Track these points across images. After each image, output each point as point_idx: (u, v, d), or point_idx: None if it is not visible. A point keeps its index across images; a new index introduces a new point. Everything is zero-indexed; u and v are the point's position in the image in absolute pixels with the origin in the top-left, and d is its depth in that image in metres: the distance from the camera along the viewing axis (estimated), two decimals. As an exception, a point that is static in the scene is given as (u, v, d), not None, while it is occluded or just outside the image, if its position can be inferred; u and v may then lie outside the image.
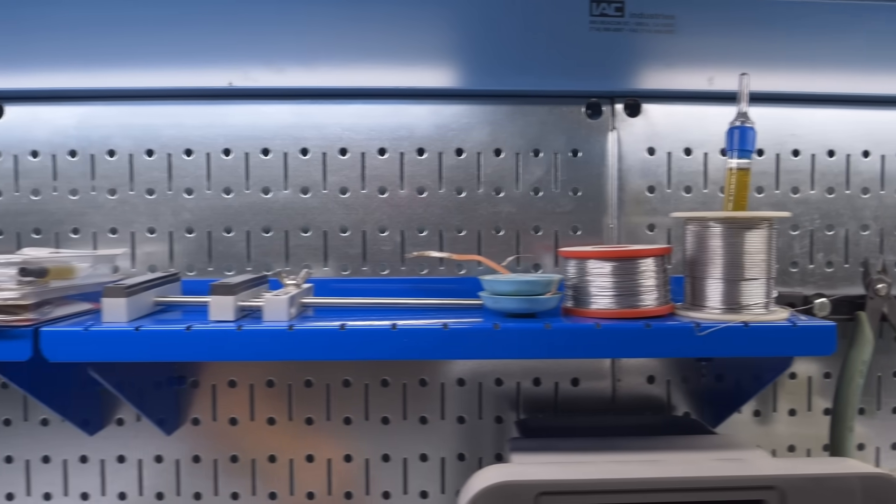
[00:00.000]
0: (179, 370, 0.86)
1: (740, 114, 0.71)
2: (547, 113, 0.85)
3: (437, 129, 0.85)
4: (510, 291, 0.67)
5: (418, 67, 0.81)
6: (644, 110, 0.85)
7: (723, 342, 0.64)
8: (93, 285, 0.75)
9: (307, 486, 0.87)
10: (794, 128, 0.87)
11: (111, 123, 0.84)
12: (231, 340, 0.63)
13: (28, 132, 0.83)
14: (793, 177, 0.87)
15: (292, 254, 0.85)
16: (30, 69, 0.80)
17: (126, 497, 0.86)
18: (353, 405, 0.86)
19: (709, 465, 0.67)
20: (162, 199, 0.84)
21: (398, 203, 0.85)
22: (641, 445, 0.73)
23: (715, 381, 0.86)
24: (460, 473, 0.87)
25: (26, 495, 0.86)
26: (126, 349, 0.63)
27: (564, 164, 0.85)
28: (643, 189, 0.86)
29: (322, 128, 0.84)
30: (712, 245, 0.68)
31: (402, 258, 0.85)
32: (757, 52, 0.83)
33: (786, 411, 0.89)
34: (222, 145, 0.84)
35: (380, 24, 0.80)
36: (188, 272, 0.85)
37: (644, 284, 0.68)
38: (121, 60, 0.80)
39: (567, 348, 0.64)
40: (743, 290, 0.67)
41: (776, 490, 0.64)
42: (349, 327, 0.64)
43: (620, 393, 0.88)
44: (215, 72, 0.81)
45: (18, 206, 0.84)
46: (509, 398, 0.87)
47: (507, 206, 0.85)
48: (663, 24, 0.83)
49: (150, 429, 0.85)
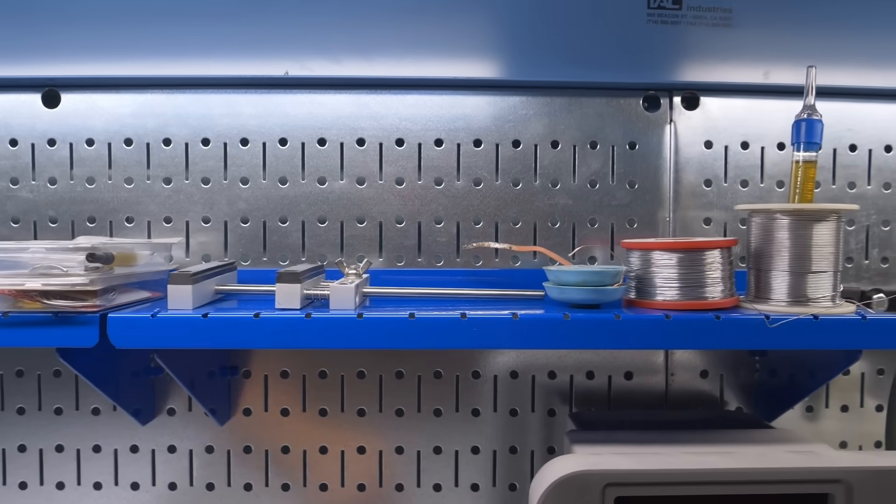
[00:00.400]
0: (232, 360, 0.86)
1: (807, 106, 0.70)
2: (604, 105, 0.85)
3: (494, 121, 0.84)
4: (577, 282, 0.67)
5: (476, 58, 0.81)
6: (702, 103, 0.85)
7: (793, 335, 0.63)
8: (149, 274, 0.75)
9: (358, 478, 0.86)
10: (851, 122, 0.86)
11: (167, 112, 0.84)
12: (300, 328, 0.63)
13: (84, 120, 0.83)
14: (849, 171, 0.87)
15: (347, 244, 0.85)
16: (88, 57, 0.80)
17: (176, 487, 0.86)
18: (406, 397, 0.86)
19: (777, 457, 0.66)
20: (217, 189, 0.84)
21: (454, 194, 0.85)
22: (701, 439, 0.73)
23: (768, 376, 0.86)
24: (512, 466, 0.87)
25: (77, 485, 0.86)
26: (194, 336, 0.63)
27: (621, 156, 0.85)
28: (700, 182, 0.86)
29: (379, 118, 0.84)
30: (779, 237, 0.67)
31: (458, 250, 0.85)
32: (813, 46, 0.83)
33: (838, 407, 0.89)
34: (278, 135, 0.84)
35: (438, 15, 0.80)
36: (242, 262, 0.84)
37: (710, 276, 0.67)
38: (178, 49, 0.80)
39: (638, 339, 0.64)
40: (810, 283, 0.67)
41: (842, 483, 0.64)
42: (419, 316, 0.63)
43: (673, 387, 0.87)
44: (272, 61, 0.81)
45: (73, 195, 0.84)
46: (561, 392, 0.87)
47: (564, 199, 0.85)
48: (721, 18, 0.82)
49: (201, 419, 0.85)
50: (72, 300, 0.64)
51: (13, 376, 0.85)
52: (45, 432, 0.86)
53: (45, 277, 0.63)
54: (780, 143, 0.86)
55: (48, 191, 0.84)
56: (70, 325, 0.63)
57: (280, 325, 0.63)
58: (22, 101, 0.83)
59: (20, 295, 0.62)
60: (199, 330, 0.63)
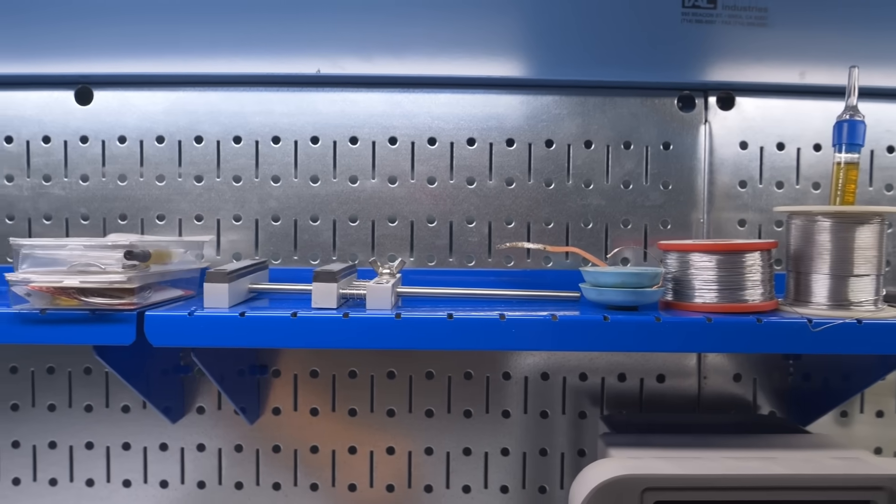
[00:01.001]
0: (261, 359, 0.85)
1: (849, 107, 0.69)
2: (638, 105, 0.84)
3: (526, 120, 0.84)
4: (616, 283, 0.66)
5: (509, 57, 0.80)
6: (737, 103, 0.84)
7: (836, 339, 0.62)
8: (182, 272, 0.74)
9: (387, 479, 0.86)
10: (889, 124, 0.85)
11: (199, 110, 0.83)
12: (338, 328, 0.63)
13: (117, 118, 0.83)
14: (887, 174, 0.86)
15: (378, 244, 0.84)
16: (120, 54, 0.80)
17: (205, 486, 0.86)
18: (434, 398, 0.86)
19: (820, 463, 0.65)
20: (248, 187, 0.84)
21: (486, 194, 0.84)
22: (738, 443, 0.72)
23: (802, 380, 0.85)
24: (542, 469, 0.86)
25: (106, 482, 0.86)
26: (231, 335, 0.63)
27: (655, 157, 0.84)
28: (734, 184, 0.85)
29: (411, 117, 0.83)
30: (820, 240, 0.66)
31: (490, 250, 0.84)
32: (849, 46, 0.82)
33: (873, 413, 0.87)
34: (310, 133, 0.84)
35: (470, 14, 0.80)
36: (273, 260, 0.84)
37: (750, 279, 0.67)
38: (210, 46, 0.80)
39: (678, 342, 0.63)
40: (852, 287, 0.66)
41: (885, 490, 0.63)
42: (457, 317, 0.63)
43: (706, 391, 0.86)
44: (304, 59, 0.80)
45: (105, 192, 0.84)
46: (592, 394, 0.86)
47: (597, 199, 0.84)
48: (756, 17, 0.81)
49: (230, 418, 0.85)
50: (109, 297, 0.63)
51: (44, 373, 0.85)
52: (76, 429, 0.86)
53: (82, 275, 0.63)
54: (817, 145, 0.85)
55: (80, 188, 0.84)
56: (108, 323, 0.62)
57: (317, 325, 0.63)
58: (55, 98, 0.83)
59: (58, 292, 0.62)
60: (237, 329, 0.63)
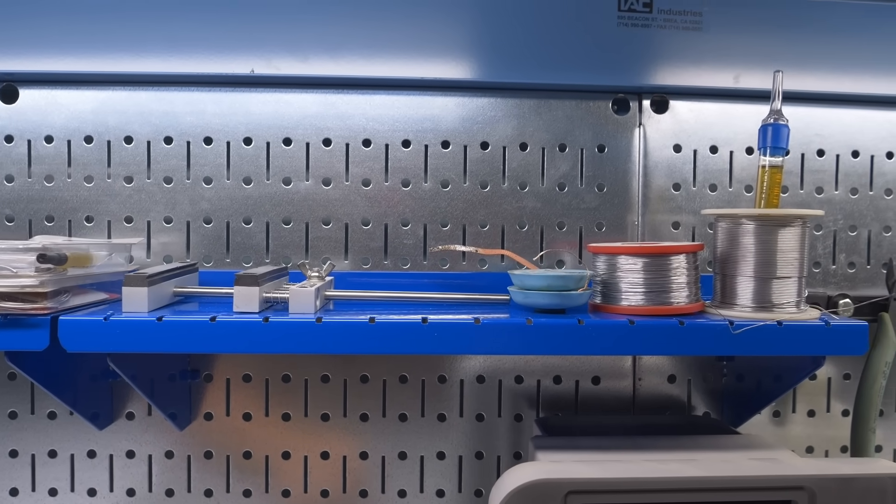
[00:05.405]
0: (193, 363, 0.84)
1: (774, 111, 0.70)
2: (574, 108, 0.84)
3: (462, 122, 0.83)
4: (542, 286, 0.66)
5: (445, 59, 0.80)
6: (671, 107, 0.85)
7: (757, 341, 0.63)
8: (107, 275, 0.73)
9: (322, 484, 0.85)
10: (819, 127, 0.87)
11: (129, 110, 0.82)
12: (258, 332, 0.62)
13: (43, 117, 0.81)
14: (817, 177, 0.87)
15: (312, 246, 0.83)
16: (47, 52, 0.78)
17: (135, 493, 0.84)
18: (370, 401, 0.85)
19: (739, 464, 0.66)
20: (180, 188, 0.82)
21: (421, 196, 0.83)
22: (667, 445, 0.72)
23: (736, 380, 0.86)
24: (478, 472, 0.86)
25: (31, 491, 0.83)
26: (148, 340, 0.61)
27: (590, 159, 0.84)
28: (668, 186, 0.85)
29: (346, 118, 0.83)
30: (744, 242, 0.67)
31: (425, 252, 0.84)
32: (783, 51, 0.83)
33: (804, 412, 0.89)
34: (243, 134, 0.82)
35: (408, 14, 0.79)
36: (205, 263, 0.83)
37: (675, 281, 0.67)
38: (141, 44, 0.78)
39: (601, 345, 0.63)
40: (775, 289, 0.67)
41: (805, 490, 0.63)
42: (379, 321, 0.62)
43: (641, 392, 0.87)
44: (238, 59, 0.79)
45: (31, 193, 0.82)
46: (528, 396, 0.86)
47: (532, 202, 0.84)
48: (691, 21, 0.82)
49: (161, 424, 0.83)
50: (22, 302, 0.62)
51: (-34, 379, 0.83)
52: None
53: (-7, 278, 0.61)
54: (749, 148, 0.86)
55: (5, 188, 0.82)
56: (18, 328, 0.61)
57: (236, 329, 0.62)
58: (-23, 96, 0.81)
59: (-34, 296, 0.60)
60: (154, 333, 0.62)
